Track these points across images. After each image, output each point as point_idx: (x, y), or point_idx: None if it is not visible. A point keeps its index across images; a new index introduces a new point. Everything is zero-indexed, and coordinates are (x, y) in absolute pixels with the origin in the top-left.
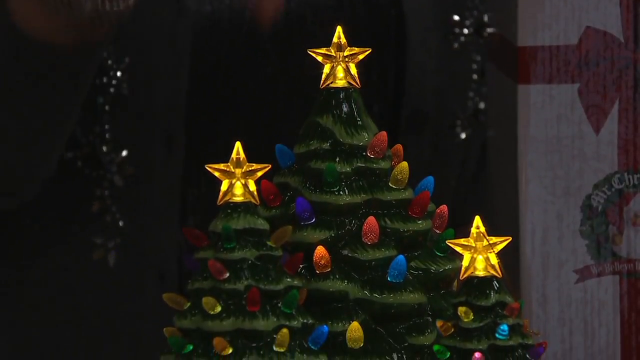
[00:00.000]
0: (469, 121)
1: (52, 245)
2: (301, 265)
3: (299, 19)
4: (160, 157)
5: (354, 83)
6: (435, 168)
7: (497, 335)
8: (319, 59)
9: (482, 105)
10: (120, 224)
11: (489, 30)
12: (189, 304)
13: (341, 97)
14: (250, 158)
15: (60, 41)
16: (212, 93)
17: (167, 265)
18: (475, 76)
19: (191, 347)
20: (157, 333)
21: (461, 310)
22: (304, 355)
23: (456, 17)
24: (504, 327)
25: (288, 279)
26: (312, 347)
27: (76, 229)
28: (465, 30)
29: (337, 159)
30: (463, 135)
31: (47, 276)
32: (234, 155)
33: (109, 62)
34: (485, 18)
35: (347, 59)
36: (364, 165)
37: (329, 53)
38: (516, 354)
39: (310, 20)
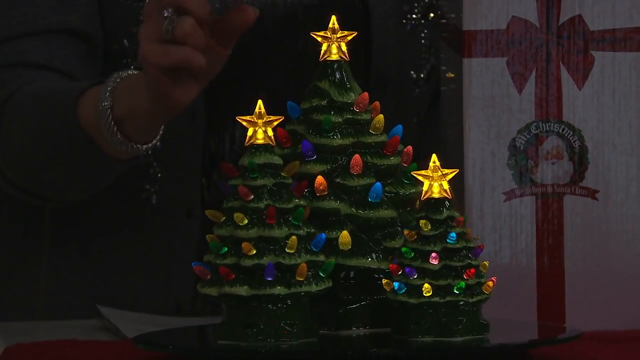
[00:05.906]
0: (421, 82)
1: (116, 190)
2: (306, 190)
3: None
4: (186, 128)
5: (344, 57)
6: (399, 116)
7: (448, 240)
8: (319, 39)
9: (428, 70)
10: (159, 175)
11: (443, 19)
12: (224, 218)
13: (335, 67)
14: (269, 112)
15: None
16: (233, 72)
17: (193, 205)
18: (424, 48)
19: (226, 249)
20: (184, 249)
21: (422, 222)
22: (308, 255)
23: (408, 7)
24: (453, 234)
25: (296, 200)
26: (314, 249)
27: (130, 178)
28: (414, 16)
29: (332, 112)
30: (417, 92)
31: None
32: (257, 110)
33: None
34: (432, 6)
35: (339, 40)
36: (351, 117)
37: (326, 35)
38: (462, 253)
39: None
